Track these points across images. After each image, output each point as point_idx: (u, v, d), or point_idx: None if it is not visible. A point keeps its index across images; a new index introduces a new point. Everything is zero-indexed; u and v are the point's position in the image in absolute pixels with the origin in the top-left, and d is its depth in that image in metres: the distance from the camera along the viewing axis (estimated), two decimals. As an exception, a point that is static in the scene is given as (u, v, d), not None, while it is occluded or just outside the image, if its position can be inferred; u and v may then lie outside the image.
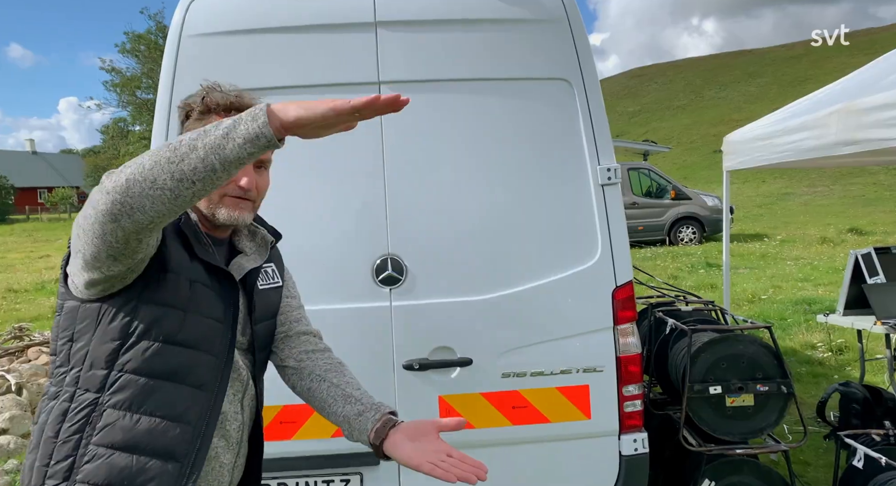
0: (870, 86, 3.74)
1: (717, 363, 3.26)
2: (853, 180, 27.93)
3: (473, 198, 2.66)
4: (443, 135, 2.65)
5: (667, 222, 16.15)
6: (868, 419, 3.67)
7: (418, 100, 2.58)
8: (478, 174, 2.66)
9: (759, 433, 3.30)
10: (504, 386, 2.65)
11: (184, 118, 1.59)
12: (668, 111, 55.18)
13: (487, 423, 2.64)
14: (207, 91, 1.56)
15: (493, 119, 2.68)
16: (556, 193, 2.70)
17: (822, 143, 3.78)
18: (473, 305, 2.64)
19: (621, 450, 2.72)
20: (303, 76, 2.59)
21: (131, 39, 38.49)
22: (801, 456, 4.19)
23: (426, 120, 2.63)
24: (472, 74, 2.66)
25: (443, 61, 2.65)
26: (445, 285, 2.62)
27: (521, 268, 2.68)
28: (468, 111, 2.67)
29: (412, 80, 2.62)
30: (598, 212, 2.70)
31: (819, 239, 15.09)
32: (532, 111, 2.71)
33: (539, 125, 2.71)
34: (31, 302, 11.40)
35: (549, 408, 2.69)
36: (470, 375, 2.62)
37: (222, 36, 2.60)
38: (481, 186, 2.66)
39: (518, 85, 2.69)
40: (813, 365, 6.25)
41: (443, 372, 2.62)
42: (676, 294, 4.77)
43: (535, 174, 2.70)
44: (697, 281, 10.77)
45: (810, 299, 8.87)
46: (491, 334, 2.64)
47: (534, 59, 2.70)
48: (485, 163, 2.67)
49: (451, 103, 2.66)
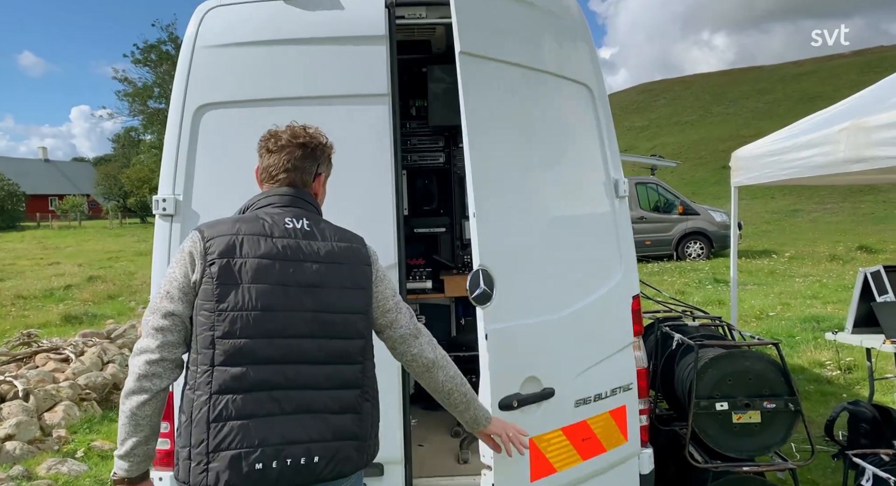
0: (879, 104, 3.74)
1: (724, 379, 3.24)
2: (863, 198, 27.76)
3: (545, 203, 2.48)
4: (521, 136, 2.44)
5: (674, 237, 16.11)
6: (877, 439, 3.63)
7: (501, 86, 2.37)
8: (535, 178, 2.49)
9: (766, 450, 3.27)
10: (576, 417, 2.42)
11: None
12: (677, 127, 55.20)
13: (567, 463, 2.38)
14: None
15: (554, 119, 2.53)
16: (590, 202, 2.63)
17: (831, 160, 3.78)
18: (551, 326, 2.37)
19: (641, 469, 2.65)
20: (314, 87, 2.62)
21: (143, 50, 38.95)
22: (809, 475, 4.14)
23: (509, 114, 2.41)
24: (518, 60, 2.46)
25: (527, 47, 2.47)
26: (529, 303, 2.32)
27: (579, 282, 2.51)
28: (546, 106, 2.49)
29: (480, 55, 2.38)
30: (616, 225, 2.70)
31: (828, 256, 14.99)
32: (572, 114, 2.63)
33: (578, 130, 2.64)
34: (40, 309, 11.47)
35: (605, 435, 2.53)
36: (551, 407, 2.33)
37: (235, 47, 2.64)
38: (540, 192, 2.48)
39: (551, 80, 2.56)
40: (821, 383, 6.19)
41: (531, 409, 2.28)
42: (683, 309, 4.75)
43: (573, 180, 2.61)
44: (705, 297, 10.71)
45: (819, 317, 8.80)
46: (565, 358, 2.40)
47: (563, 57, 2.61)
48: (538, 167, 2.50)
49: (534, 93, 2.44)
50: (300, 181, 1.94)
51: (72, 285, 14.08)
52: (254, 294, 1.72)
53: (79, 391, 5.80)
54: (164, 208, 2.63)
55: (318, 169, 1.97)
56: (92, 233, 36.83)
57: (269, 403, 1.68)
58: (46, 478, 4.45)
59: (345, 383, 1.78)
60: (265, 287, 1.73)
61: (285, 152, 1.91)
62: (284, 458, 1.67)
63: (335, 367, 1.77)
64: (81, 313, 10.71)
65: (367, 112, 2.58)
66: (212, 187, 2.62)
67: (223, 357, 1.68)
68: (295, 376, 1.72)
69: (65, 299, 12.60)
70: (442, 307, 4.46)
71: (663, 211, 16.31)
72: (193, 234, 1.81)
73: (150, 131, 43.01)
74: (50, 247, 27.05)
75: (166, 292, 1.74)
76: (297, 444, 1.69)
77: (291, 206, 1.89)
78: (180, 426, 1.72)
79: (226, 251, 1.74)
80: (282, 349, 1.71)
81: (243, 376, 1.67)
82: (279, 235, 1.80)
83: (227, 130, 2.63)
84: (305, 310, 1.76)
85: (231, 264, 1.73)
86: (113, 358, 6.60)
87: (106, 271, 16.83)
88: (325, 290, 1.79)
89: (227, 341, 1.68)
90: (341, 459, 1.74)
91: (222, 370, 1.68)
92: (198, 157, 2.62)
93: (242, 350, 1.68)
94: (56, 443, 5.08)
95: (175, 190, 2.63)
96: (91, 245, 27.63)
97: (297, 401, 1.71)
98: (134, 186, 44.63)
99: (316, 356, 1.75)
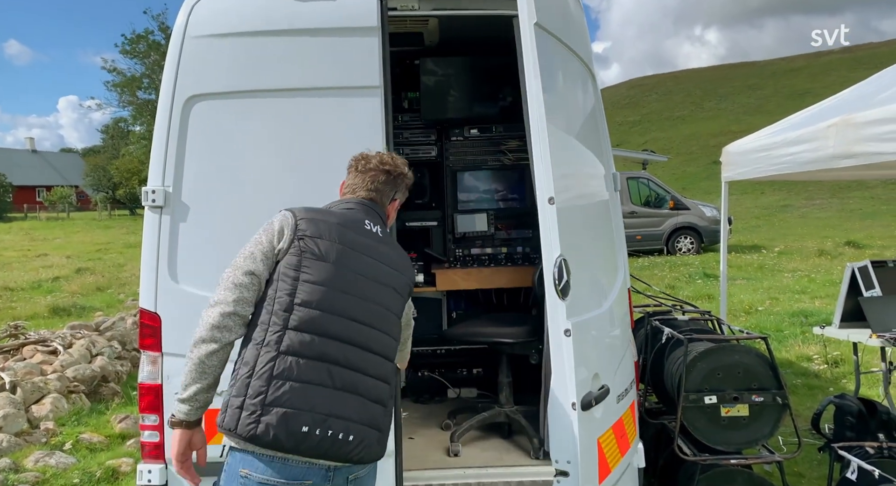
0: (868, 100, 3.77)
1: (713, 373, 3.26)
2: (851, 194, 28.00)
3: (587, 197, 2.49)
4: (572, 121, 2.44)
5: (665, 232, 16.18)
6: (862, 432, 3.67)
7: (568, 70, 2.37)
8: (583, 166, 2.49)
9: (753, 443, 3.30)
10: (617, 412, 2.41)
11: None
12: (668, 122, 55.36)
13: (615, 461, 2.36)
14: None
15: (580, 104, 2.53)
16: (601, 194, 2.65)
17: (819, 155, 3.80)
18: (599, 321, 2.35)
19: (637, 463, 2.68)
20: (305, 79, 2.60)
21: (132, 40, 38.57)
22: (796, 468, 4.18)
23: (563, 103, 2.39)
24: (568, 42, 2.45)
25: (560, 24, 2.45)
26: (586, 297, 2.26)
27: (607, 275, 2.53)
28: (579, 91, 2.50)
29: (549, 30, 2.38)
30: (613, 219, 2.72)
31: (816, 252, 15.10)
32: (589, 102, 2.63)
33: (591, 119, 2.63)
34: (28, 301, 11.37)
35: (631, 430, 2.55)
36: (607, 406, 2.29)
37: (226, 37, 2.61)
38: (583, 181, 2.48)
39: (583, 68, 2.57)
40: (808, 377, 6.26)
41: (599, 408, 2.20)
42: (673, 304, 4.77)
43: (597, 172, 2.62)
44: (695, 291, 10.78)
45: (807, 312, 8.88)
46: (610, 353, 2.40)
47: (585, 42, 2.61)
48: (583, 155, 2.49)
49: (575, 79, 2.46)
50: (379, 200, 2.18)
51: (60, 277, 13.97)
52: (335, 275, 1.88)
53: (67, 384, 5.76)
54: (153, 200, 2.61)
55: (395, 195, 2.22)
56: (80, 224, 36.52)
57: (325, 374, 1.81)
58: (34, 471, 4.42)
59: (384, 376, 1.94)
60: (346, 272, 1.90)
61: (370, 175, 2.16)
62: (327, 428, 1.78)
63: (382, 360, 1.94)
64: (70, 305, 10.63)
65: (358, 104, 2.58)
66: (202, 179, 2.61)
67: (297, 322, 1.81)
68: (353, 356, 1.86)
69: (53, 290, 12.50)
70: (433, 301, 4.47)
71: (654, 206, 16.37)
72: (285, 213, 1.97)
73: (140, 122, 42.64)
74: (38, 238, 26.80)
75: (250, 253, 1.89)
76: (340, 419, 1.81)
77: (369, 214, 2.10)
78: (238, 377, 1.82)
79: (316, 232, 1.91)
80: (348, 329, 1.86)
81: (311, 344, 1.81)
82: (360, 232, 2.00)
83: (217, 122, 2.61)
84: (373, 301, 1.94)
85: (320, 242, 1.90)
86: (101, 351, 6.55)
87: (95, 263, 16.71)
88: (388, 290, 2.00)
89: (304, 309, 1.82)
90: (367, 445, 1.86)
91: (294, 333, 1.80)
92: (188, 148, 2.60)
93: (316, 320, 1.82)
94: (44, 436, 5.05)
95: (165, 181, 2.61)
96: (80, 237, 27.41)
97: (347, 380, 1.84)
98: (123, 178, 44.26)
99: (371, 345, 1.90)
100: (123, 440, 5.07)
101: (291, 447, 1.75)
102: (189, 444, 1.90)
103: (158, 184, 2.61)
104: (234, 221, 2.53)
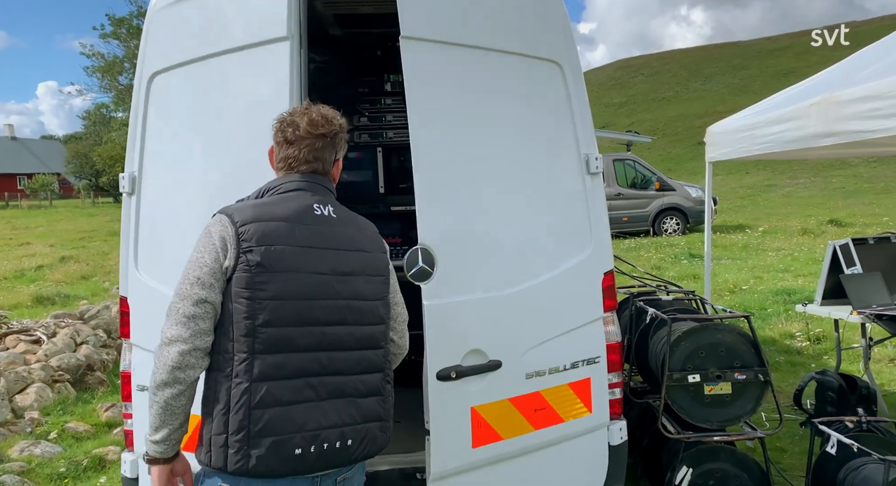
0: (850, 78, 3.77)
1: (696, 352, 3.29)
2: (834, 173, 28.24)
3: (494, 185, 2.50)
4: (466, 114, 2.45)
5: (651, 213, 16.25)
6: (843, 407, 3.73)
7: (444, 63, 2.39)
8: (496, 159, 2.51)
9: (736, 420, 3.34)
10: (527, 388, 2.50)
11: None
12: (655, 103, 55.37)
13: (515, 431, 2.48)
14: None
15: (503, 98, 2.52)
16: (555, 181, 2.64)
17: (802, 134, 3.81)
18: (498, 301, 2.45)
19: (610, 440, 2.70)
20: (219, 43, 2.45)
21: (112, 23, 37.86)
22: (778, 443, 4.25)
23: (452, 96, 2.42)
24: (485, 44, 2.46)
25: (463, 23, 2.44)
26: (474, 279, 2.42)
27: (535, 259, 2.55)
28: (485, 87, 2.49)
29: (429, 38, 2.39)
30: (588, 202, 2.69)
31: (800, 230, 15.26)
32: (534, 94, 2.59)
33: (540, 110, 2.61)
34: (10, 290, 11.24)
35: (562, 406, 2.59)
36: (499, 379, 2.43)
37: (177, 5, 2.51)
38: (500, 173, 2.51)
39: (517, 61, 2.54)
40: (791, 354, 6.35)
41: (474, 380, 2.39)
42: (657, 284, 4.80)
43: (539, 158, 2.61)
44: (680, 272, 10.86)
45: (790, 290, 8.98)
46: (516, 332, 2.49)
47: (530, 35, 2.56)
48: (493, 147, 2.51)
49: (472, 74, 2.45)
50: (322, 170, 1.92)
51: (43, 266, 13.81)
52: (293, 283, 1.72)
53: (51, 373, 5.71)
54: (123, 186, 2.58)
55: (336, 155, 1.96)
56: (64, 212, 36.06)
57: (306, 389, 1.72)
58: (19, 460, 4.39)
59: (371, 367, 1.85)
60: (304, 276, 1.74)
61: (305, 144, 1.87)
62: (321, 442, 1.71)
63: (363, 352, 1.83)
64: (53, 293, 10.52)
65: (268, 59, 2.36)
66: (156, 161, 2.54)
67: (264, 346, 1.68)
68: (328, 362, 1.76)
69: (36, 279, 12.37)
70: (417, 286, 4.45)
71: (640, 187, 16.42)
72: (220, 218, 1.76)
73: (122, 108, 41.97)
74: (20, 227, 26.44)
75: (196, 278, 1.69)
76: (331, 428, 1.74)
77: (317, 193, 1.88)
78: (213, 413, 1.68)
79: (263, 238, 1.71)
80: (317, 337, 1.74)
81: (283, 365, 1.69)
82: (311, 222, 1.80)
83: (169, 97, 2.53)
84: (339, 298, 1.79)
85: (270, 251, 1.71)
86: (86, 339, 6.50)
87: (79, 252, 16.53)
88: (354, 277, 1.84)
89: (268, 330, 1.68)
90: (370, 440, 1.82)
91: (263, 358, 1.68)
92: (147, 129, 2.55)
93: (283, 339, 1.70)
94: (28, 425, 5.01)
95: (132, 167, 2.57)
96: (63, 225, 27.07)
97: (331, 386, 1.76)
98: (106, 165, 43.68)
99: (346, 343, 1.80)
100: (110, 428, 5.06)
101: (288, 471, 1.68)
102: (170, 475, 1.77)
103: (130, 169, 2.57)
104: (185, 205, 2.46)
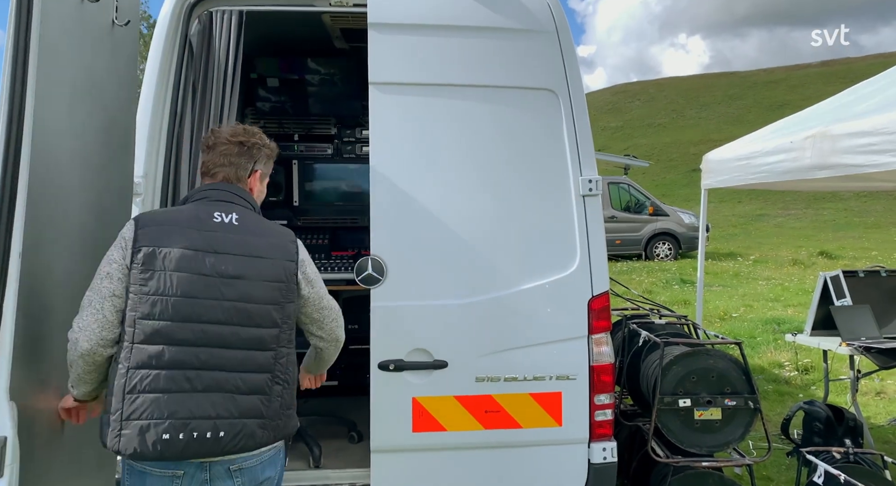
0: (844, 113, 3.86)
1: (688, 377, 3.31)
2: (825, 205, 28.51)
3: (457, 203, 2.70)
4: (430, 140, 2.70)
5: (644, 237, 16.34)
6: (830, 438, 3.76)
7: (408, 102, 2.65)
8: (463, 180, 2.71)
9: (725, 446, 3.36)
10: (478, 390, 2.69)
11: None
12: (650, 128, 55.89)
13: (459, 426, 2.68)
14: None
15: (479, 126, 2.73)
16: (539, 202, 2.75)
17: (797, 166, 3.88)
18: (452, 309, 2.67)
19: (591, 458, 2.75)
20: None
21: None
22: (765, 471, 4.26)
23: (415, 124, 2.68)
24: (461, 80, 2.71)
25: (433, 66, 2.70)
26: (425, 288, 2.66)
27: (501, 273, 2.71)
28: (456, 117, 2.71)
29: (402, 82, 2.68)
30: (577, 222, 2.74)
31: (790, 261, 15.37)
32: (517, 120, 2.75)
33: (524, 134, 2.75)
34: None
35: (521, 414, 2.71)
36: (445, 377, 2.67)
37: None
38: (466, 192, 2.71)
39: (505, 93, 2.75)
40: (779, 383, 6.38)
41: (418, 374, 2.66)
42: (651, 307, 4.83)
43: (519, 182, 2.74)
44: (671, 296, 10.91)
45: (780, 319, 9.04)
46: (468, 338, 2.68)
47: (521, 68, 2.76)
48: (470, 169, 2.72)
49: (440, 108, 2.71)
50: (234, 177, 2.10)
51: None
52: (174, 281, 1.88)
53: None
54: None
55: (254, 166, 2.14)
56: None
57: (182, 380, 1.86)
58: None
59: (257, 367, 1.95)
60: (185, 276, 1.89)
61: (220, 149, 2.09)
62: (191, 431, 1.84)
63: (248, 352, 1.94)
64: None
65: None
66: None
67: (142, 336, 1.86)
68: (208, 358, 1.89)
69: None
70: None
71: (634, 211, 16.53)
72: (130, 222, 1.98)
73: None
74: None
75: (106, 273, 1.90)
76: (204, 419, 1.86)
77: (223, 200, 2.04)
78: (106, 393, 1.92)
79: (153, 240, 1.90)
80: (197, 333, 1.88)
81: (159, 355, 1.85)
82: (206, 229, 1.96)
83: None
84: (224, 299, 1.92)
85: (156, 252, 1.89)
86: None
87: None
88: (244, 281, 1.96)
89: (146, 322, 1.86)
90: (246, 435, 1.91)
91: (140, 348, 1.85)
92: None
93: (159, 332, 1.86)
94: None
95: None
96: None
97: (209, 380, 1.88)
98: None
99: (231, 341, 1.92)
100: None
101: (156, 455, 1.82)
102: (81, 407, 2.04)
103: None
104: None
